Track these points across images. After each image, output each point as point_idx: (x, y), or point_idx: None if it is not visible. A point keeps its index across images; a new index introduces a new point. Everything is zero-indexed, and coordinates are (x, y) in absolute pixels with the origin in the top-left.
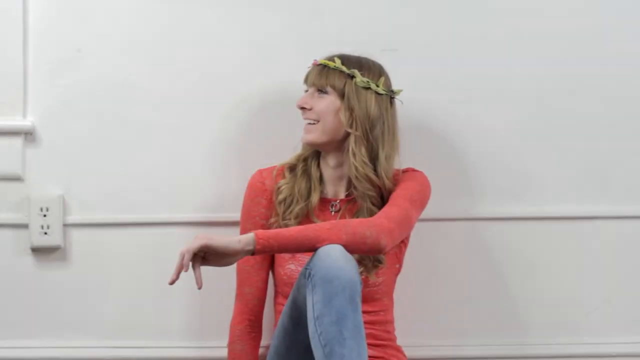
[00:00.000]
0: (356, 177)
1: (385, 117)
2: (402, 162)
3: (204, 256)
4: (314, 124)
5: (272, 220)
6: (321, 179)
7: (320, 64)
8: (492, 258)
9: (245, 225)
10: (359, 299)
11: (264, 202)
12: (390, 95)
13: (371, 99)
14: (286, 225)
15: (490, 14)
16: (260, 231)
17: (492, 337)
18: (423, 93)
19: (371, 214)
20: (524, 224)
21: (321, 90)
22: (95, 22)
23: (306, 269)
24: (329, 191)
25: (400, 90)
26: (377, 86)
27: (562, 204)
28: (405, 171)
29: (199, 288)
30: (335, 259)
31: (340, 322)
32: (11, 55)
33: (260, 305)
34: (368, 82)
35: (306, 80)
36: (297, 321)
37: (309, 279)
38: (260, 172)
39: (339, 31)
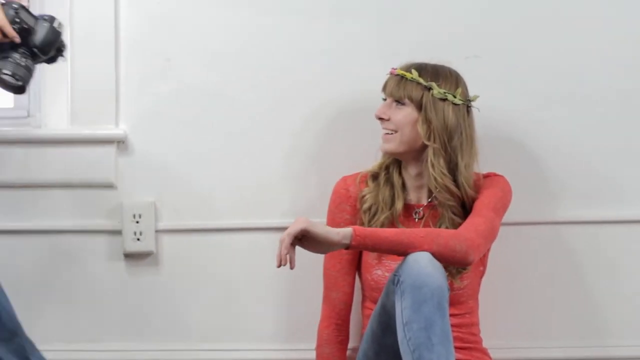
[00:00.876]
0: (436, 188)
1: (463, 127)
2: (482, 166)
3: (301, 239)
4: (392, 133)
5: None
6: (404, 186)
7: (398, 75)
8: (574, 261)
9: None
10: (446, 305)
11: (349, 209)
12: (467, 104)
13: (448, 110)
14: None
15: (570, 19)
16: (358, 227)
17: (574, 339)
18: (505, 98)
19: (453, 223)
20: (605, 227)
21: (399, 102)
22: (183, 33)
23: (395, 275)
24: (412, 197)
25: (477, 97)
26: (455, 97)
27: None
28: (486, 176)
29: (292, 268)
30: (423, 265)
31: (429, 328)
32: (103, 65)
33: (347, 309)
34: (445, 93)
35: (384, 90)
36: (386, 326)
37: (398, 286)
38: (344, 179)
39: (421, 38)
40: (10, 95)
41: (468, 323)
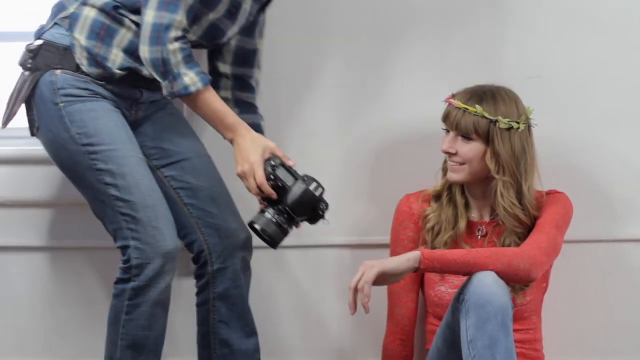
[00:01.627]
0: (505, 216)
1: (528, 149)
2: (545, 185)
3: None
4: (460, 165)
5: (422, 248)
6: (467, 204)
7: (460, 108)
8: (637, 279)
9: (395, 249)
10: (510, 324)
11: (412, 227)
12: (529, 124)
13: (515, 139)
14: None
15: (634, 40)
16: (426, 251)
17: (637, 357)
18: (567, 118)
19: (517, 243)
20: None
21: (465, 136)
22: None
23: (460, 294)
24: (475, 215)
25: (532, 111)
26: (519, 124)
27: None
28: (549, 194)
29: (367, 313)
30: (488, 284)
31: (493, 347)
32: None
33: (411, 325)
34: (510, 122)
35: (446, 122)
36: (451, 344)
37: (463, 304)
38: (407, 197)
39: (487, 58)
40: None
41: (531, 339)
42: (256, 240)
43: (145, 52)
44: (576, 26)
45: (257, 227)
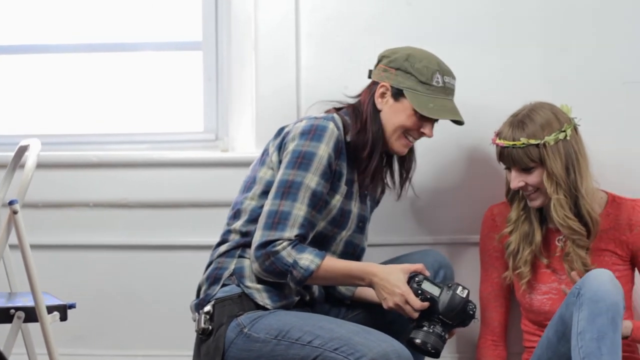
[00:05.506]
0: (562, 228)
1: (578, 150)
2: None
3: None
4: (534, 192)
5: (506, 274)
6: (541, 216)
7: (507, 147)
8: None
9: (483, 257)
10: (620, 322)
11: (495, 237)
12: (574, 125)
13: (564, 148)
14: (521, 274)
15: None
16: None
17: None
18: None
19: (577, 255)
20: None
21: (525, 169)
22: (360, 62)
23: (576, 288)
24: (552, 225)
25: (570, 108)
26: (565, 131)
27: None
28: (634, 207)
29: None
30: (603, 282)
31: (600, 340)
32: (286, 92)
33: (501, 327)
34: (556, 135)
35: (501, 161)
36: (562, 335)
37: (578, 297)
38: (491, 208)
39: (582, 66)
40: (200, 119)
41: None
42: None
43: (257, 269)
44: None
45: (418, 341)
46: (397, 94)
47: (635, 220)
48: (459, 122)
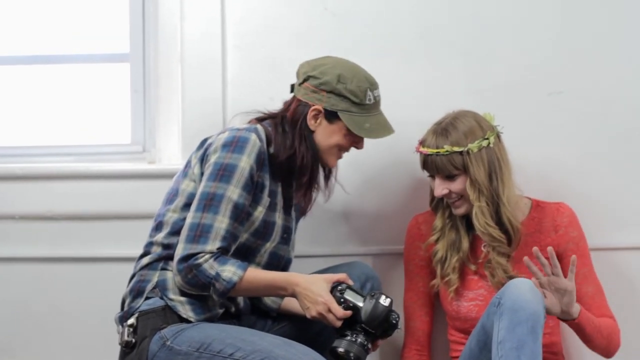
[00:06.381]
0: (483, 235)
1: (501, 158)
2: (553, 196)
3: None
4: (458, 199)
5: (434, 282)
6: (469, 223)
7: (431, 154)
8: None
9: (408, 267)
10: (540, 331)
11: (422, 246)
12: (497, 133)
13: (486, 155)
14: (449, 282)
15: None
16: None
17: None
18: (584, 132)
19: (498, 263)
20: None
21: (448, 176)
22: (286, 73)
23: (497, 298)
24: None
25: (493, 117)
26: (488, 139)
27: None
28: (559, 209)
29: None
30: (523, 291)
31: (520, 349)
32: (212, 105)
33: (425, 337)
34: (480, 143)
35: (425, 169)
36: (483, 345)
37: (498, 307)
38: (416, 217)
39: (507, 77)
40: (127, 132)
41: (547, 342)
42: None
43: (179, 282)
44: (594, 41)
45: (341, 350)
46: (331, 116)
47: (559, 222)
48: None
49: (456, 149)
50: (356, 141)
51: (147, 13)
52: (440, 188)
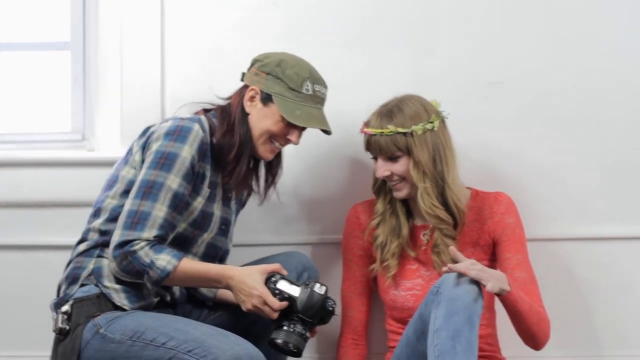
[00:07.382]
0: (429, 218)
1: (445, 142)
2: (494, 186)
3: None
4: (399, 182)
5: (373, 266)
6: (409, 211)
7: (376, 134)
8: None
9: (346, 255)
10: (477, 320)
11: (361, 235)
12: (442, 118)
13: (431, 139)
14: (388, 267)
15: (593, 45)
16: None
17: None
18: (526, 122)
19: (445, 243)
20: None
21: (391, 158)
22: (226, 63)
23: (436, 286)
24: (419, 220)
25: (439, 103)
26: (432, 122)
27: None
28: (497, 197)
29: None
30: (461, 281)
31: (455, 338)
32: (150, 95)
33: (362, 326)
34: (424, 126)
35: (368, 150)
36: (421, 333)
37: (436, 295)
38: (355, 207)
39: (449, 67)
40: (67, 120)
41: (483, 334)
42: None
43: (114, 268)
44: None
45: (279, 341)
46: (266, 99)
47: (496, 209)
48: (327, 132)
49: (400, 130)
50: (289, 131)
51: (88, 1)
52: (383, 169)
